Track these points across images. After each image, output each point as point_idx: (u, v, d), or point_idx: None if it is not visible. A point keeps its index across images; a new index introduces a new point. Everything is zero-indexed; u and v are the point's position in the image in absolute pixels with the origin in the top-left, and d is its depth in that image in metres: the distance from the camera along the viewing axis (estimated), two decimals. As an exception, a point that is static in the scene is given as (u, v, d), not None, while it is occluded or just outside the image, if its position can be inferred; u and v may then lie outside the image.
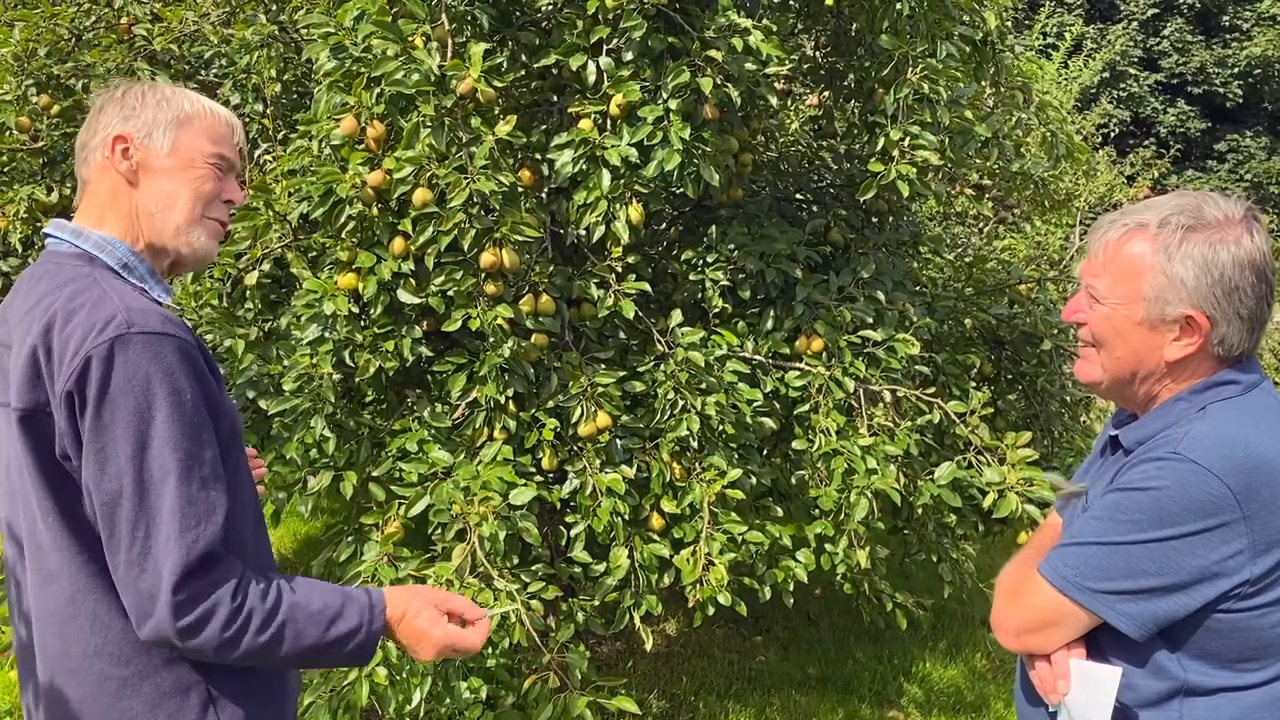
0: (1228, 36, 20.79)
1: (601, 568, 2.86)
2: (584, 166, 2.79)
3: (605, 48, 2.84)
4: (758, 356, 3.11)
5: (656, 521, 2.93)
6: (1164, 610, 1.30)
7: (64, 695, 1.39)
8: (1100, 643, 1.38)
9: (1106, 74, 17.84)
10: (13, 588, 1.47)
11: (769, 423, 3.08)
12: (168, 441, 1.30)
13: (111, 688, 1.36)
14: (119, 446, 1.28)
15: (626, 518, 2.83)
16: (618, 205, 2.79)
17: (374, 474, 2.86)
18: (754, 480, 3.03)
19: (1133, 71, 20.13)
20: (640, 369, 2.99)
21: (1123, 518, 1.31)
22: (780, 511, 3.20)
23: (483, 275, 2.73)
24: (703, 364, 2.88)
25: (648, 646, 2.90)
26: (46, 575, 1.37)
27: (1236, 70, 20.40)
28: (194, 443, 1.33)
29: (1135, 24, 20.32)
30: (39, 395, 1.32)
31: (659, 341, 3.01)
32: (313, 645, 1.37)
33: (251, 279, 3.04)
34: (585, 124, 2.83)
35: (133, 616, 1.31)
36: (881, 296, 3.23)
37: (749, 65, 2.80)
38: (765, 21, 2.86)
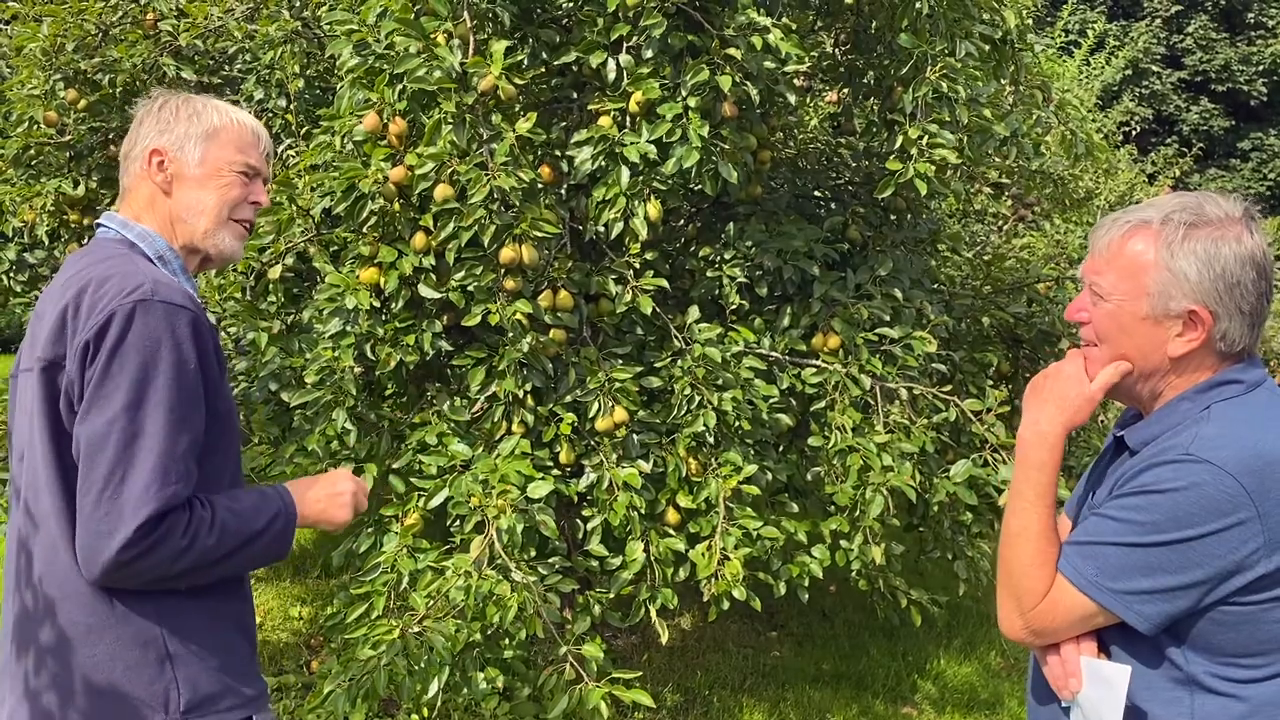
0: (1252, 34, 20.59)
1: (618, 561, 2.88)
2: (603, 163, 2.81)
3: (625, 45, 2.86)
4: (774, 353, 3.13)
5: (672, 516, 2.95)
6: (1182, 607, 1.31)
7: (41, 638, 1.48)
8: (1102, 634, 1.40)
9: (1129, 71, 17.71)
10: (13, 534, 1.57)
11: (785, 419, 3.09)
12: (163, 402, 1.42)
13: (79, 633, 1.45)
14: (118, 396, 1.40)
15: (643, 512, 2.86)
16: (636, 202, 2.81)
17: (394, 466, 2.89)
18: (770, 476, 3.05)
19: (1155, 69, 19.96)
20: (657, 365, 3.01)
21: (1141, 519, 1.32)
22: (796, 507, 3.22)
23: (502, 271, 2.75)
24: (719, 360, 2.89)
25: (663, 640, 2.92)
26: (39, 517, 1.48)
27: (1261, 68, 20.20)
28: (187, 409, 1.45)
29: (1158, 21, 20.15)
30: (60, 348, 1.46)
31: (676, 338, 3.02)
32: (250, 535, 1.50)
33: (275, 273, 3.07)
34: (605, 121, 2.84)
35: (81, 552, 1.41)
36: (899, 294, 3.23)
37: (768, 63, 2.81)
38: (785, 19, 2.87)
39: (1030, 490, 1.45)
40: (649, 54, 2.82)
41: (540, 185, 2.83)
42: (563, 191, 3.14)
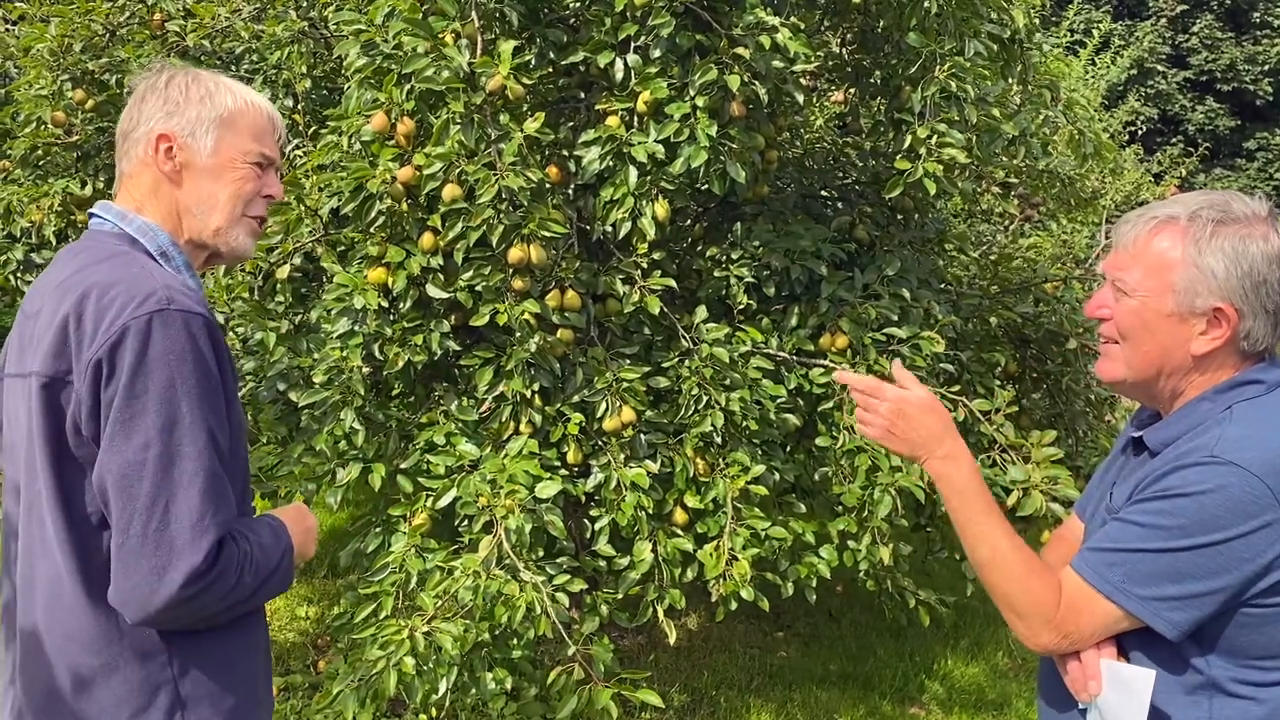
0: (1258, 33, 20.53)
1: (625, 561, 2.88)
2: (611, 163, 2.81)
3: (633, 45, 2.86)
4: (782, 353, 3.12)
5: (680, 516, 2.95)
6: (1209, 612, 1.30)
7: (39, 676, 1.37)
8: (1122, 638, 1.38)
9: (1134, 71, 17.65)
10: (11, 558, 1.45)
11: (793, 419, 3.09)
12: (199, 420, 1.30)
13: (81, 675, 1.34)
14: (149, 418, 1.27)
15: (650, 512, 2.85)
16: (644, 202, 2.81)
17: (402, 466, 2.89)
18: (777, 476, 3.04)
19: (1161, 68, 19.91)
20: (665, 365, 3.01)
21: (1167, 523, 1.30)
22: (803, 508, 3.21)
23: (510, 270, 2.75)
24: (727, 360, 2.89)
25: (670, 640, 2.91)
26: (43, 548, 1.36)
27: (1267, 68, 20.14)
28: (217, 423, 1.34)
29: (1164, 20, 20.11)
30: (62, 364, 1.32)
31: (683, 337, 3.02)
32: (270, 571, 1.40)
33: (283, 273, 3.08)
34: (612, 121, 2.84)
35: (125, 593, 1.28)
36: (906, 294, 3.22)
37: (776, 63, 2.81)
38: (793, 18, 2.86)
39: (977, 511, 1.45)
40: (657, 53, 2.82)
41: (548, 185, 2.83)
42: (570, 191, 3.14)
